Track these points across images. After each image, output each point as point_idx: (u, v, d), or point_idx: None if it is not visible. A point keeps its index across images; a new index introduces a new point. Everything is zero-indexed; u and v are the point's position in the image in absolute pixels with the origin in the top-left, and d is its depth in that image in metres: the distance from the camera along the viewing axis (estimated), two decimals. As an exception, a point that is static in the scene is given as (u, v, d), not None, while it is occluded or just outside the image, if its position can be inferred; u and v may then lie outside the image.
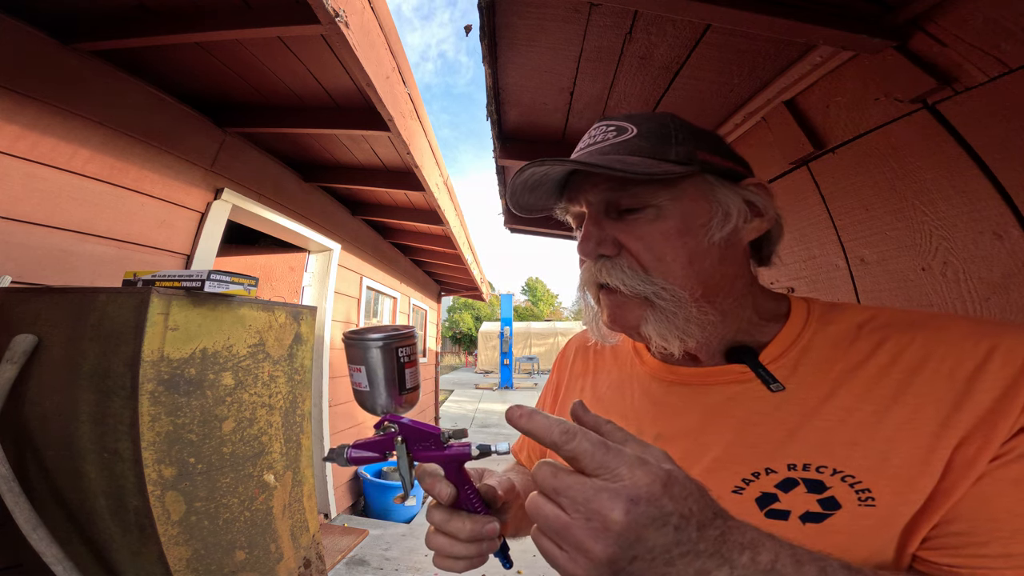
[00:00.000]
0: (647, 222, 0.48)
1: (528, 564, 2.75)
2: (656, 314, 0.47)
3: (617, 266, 0.48)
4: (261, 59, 1.70)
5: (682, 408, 0.50)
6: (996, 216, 0.81)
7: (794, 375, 0.45)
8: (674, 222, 0.47)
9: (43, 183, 1.46)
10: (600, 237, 0.49)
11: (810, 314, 0.49)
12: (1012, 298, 0.80)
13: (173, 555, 1.06)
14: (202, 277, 1.16)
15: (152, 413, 1.06)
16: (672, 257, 0.47)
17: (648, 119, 0.51)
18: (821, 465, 0.40)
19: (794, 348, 0.47)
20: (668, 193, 0.47)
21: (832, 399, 0.42)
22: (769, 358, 0.47)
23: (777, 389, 0.45)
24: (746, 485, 0.43)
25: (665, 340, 0.47)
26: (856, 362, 0.43)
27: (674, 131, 0.49)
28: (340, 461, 0.45)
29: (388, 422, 0.45)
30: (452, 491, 0.44)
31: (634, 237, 0.48)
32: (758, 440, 0.44)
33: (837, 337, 0.46)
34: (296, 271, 3.37)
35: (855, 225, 1.12)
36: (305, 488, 1.56)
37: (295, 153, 2.67)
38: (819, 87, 1.17)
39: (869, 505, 0.38)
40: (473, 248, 5.06)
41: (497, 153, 1.81)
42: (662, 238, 0.47)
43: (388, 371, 0.48)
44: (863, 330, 0.45)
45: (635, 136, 0.48)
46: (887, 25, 0.93)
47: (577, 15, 1.06)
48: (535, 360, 19.51)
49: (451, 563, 0.45)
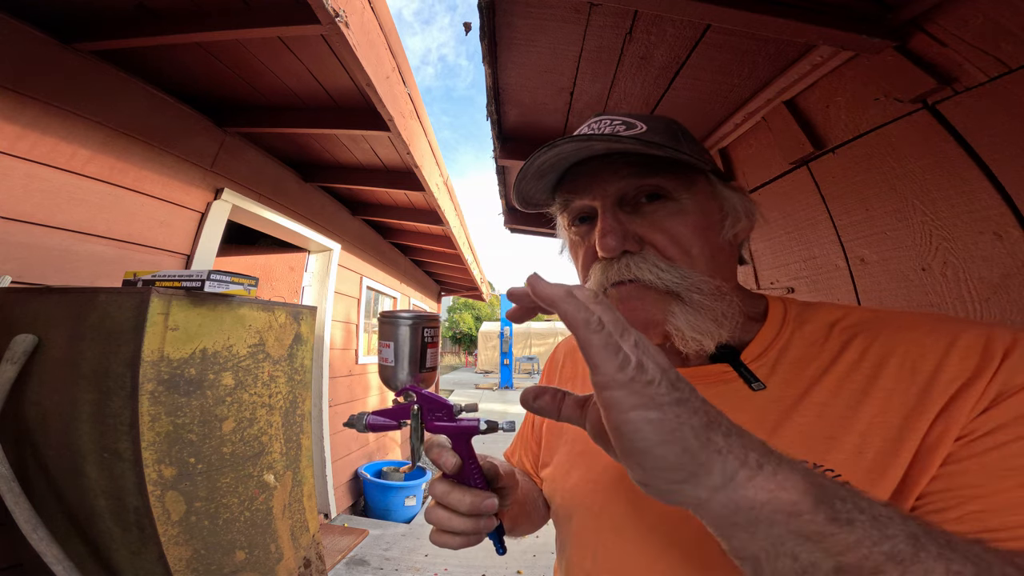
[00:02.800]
0: (670, 214, 0.47)
1: (528, 564, 2.76)
2: (686, 308, 0.46)
3: (646, 260, 0.46)
4: (261, 59, 1.70)
5: None
6: (996, 216, 0.81)
7: (774, 374, 0.46)
8: (696, 217, 0.47)
9: (43, 183, 1.46)
10: (623, 231, 0.47)
11: (787, 314, 0.50)
12: (1012, 298, 0.80)
13: (173, 555, 1.06)
14: (202, 277, 1.16)
15: (152, 413, 1.06)
16: (699, 251, 0.47)
17: (654, 119, 0.51)
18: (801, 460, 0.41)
19: (773, 348, 0.48)
20: (686, 188, 0.48)
21: (808, 396, 0.43)
22: (750, 357, 0.48)
23: (759, 388, 0.46)
24: None
25: (699, 332, 0.46)
26: (829, 360, 0.44)
27: (680, 132, 0.51)
28: (359, 427, 0.48)
29: (409, 390, 0.49)
30: (457, 461, 0.45)
31: (658, 230, 0.47)
32: None
33: (812, 336, 0.47)
34: (296, 271, 3.37)
35: (855, 225, 1.12)
36: (305, 488, 1.56)
37: (295, 153, 2.67)
38: (819, 87, 1.17)
39: None
40: (473, 248, 5.06)
41: (497, 153, 1.80)
42: (689, 231, 0.47)
43: (412, 349, 0.52)
44: (835, 329, 0.46)
45: (647, 131, 0.48)
46: (887, 25, 0.93)
47: (577, 15, 1.06)
48: (535, 360, 19.50)
49: (448, 538, 0.45)
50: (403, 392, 0.49)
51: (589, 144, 0.46)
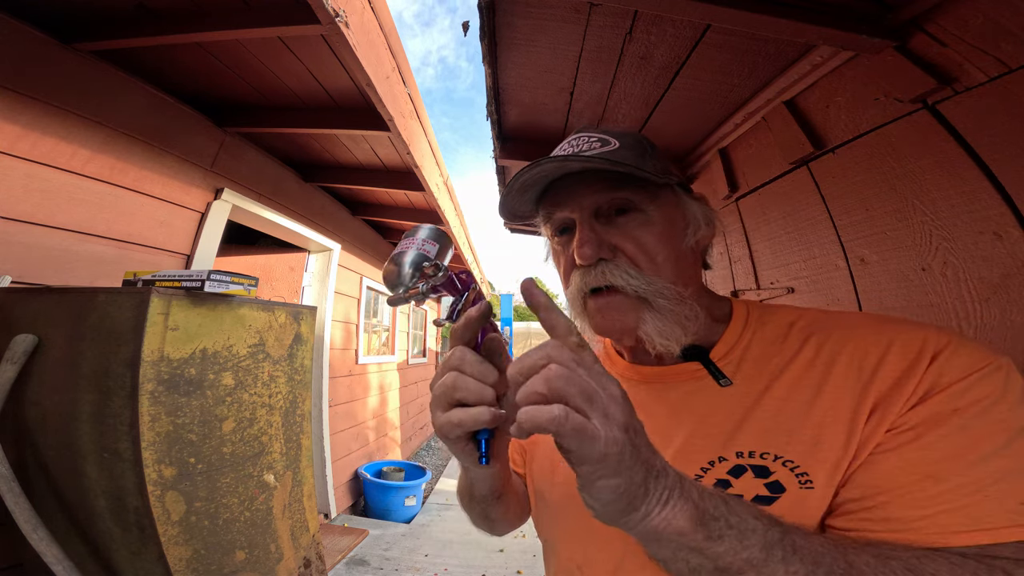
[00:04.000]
0: (638, 225, 0.52)
1: (528, 564, 2.76)
2: (654, 314, 0.50)
3: (618, 267, 0.50)
4: (261, 59, 1.70)
5: (649, 404, 0.53)
6: (996, 216, 0.81)
7: (739, 371, 0.49)
8: (661, 226, 0.52)
9: (43, 183, 1.46)
10: (598, 240, 0.51)
11: (749, 315, 0.54)
12: (1012, 298, 0.79)
13: (173, 555, 1.06)
14: (202, 277, 1.16)
15: (152, 413, 1.06)
16: (663, 258, 0.51)
17: (624, 135, 0.55)
18: (764, 452, 0.44)
19: (738, 347, 0.51)
20: (651, 200, 0.52)
21: (769, 392, 0.46)
22: (718, 356, 0.51)
23: (726, 384, 0.49)
24: (704, 473, 0.46)
25: (666, 338, 0.50)
26: (787, 358, 0.47)
27: (648, 147, 0.55)
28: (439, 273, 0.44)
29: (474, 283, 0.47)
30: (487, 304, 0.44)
31: (628, 239, 0.51)
32: (712, 431, 0.47)
33: (773, 336, 0.50)
34: (296, 271, 3.37)
35: (855, 225, 1.12)
36: (305, 488, 1.56)
37: (295, 153, 2.67)
38: (819, 87, 1.17)
39: (808, 487, 0.41)
40: (473, 248, 5.06)
41: (497, 153, 1.80)
42: (654, 240, 0.51)
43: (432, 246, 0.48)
44: (793, 329, 0.50)
45: (619, 148, 0.53)
46: (887, 25, 0.93)
47: (577, 15, 1.06)
48: (535, 360, 19.47)
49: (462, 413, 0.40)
50: (468, 275, 0.47)
51: (566, 164, 0.50)
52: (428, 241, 0.46)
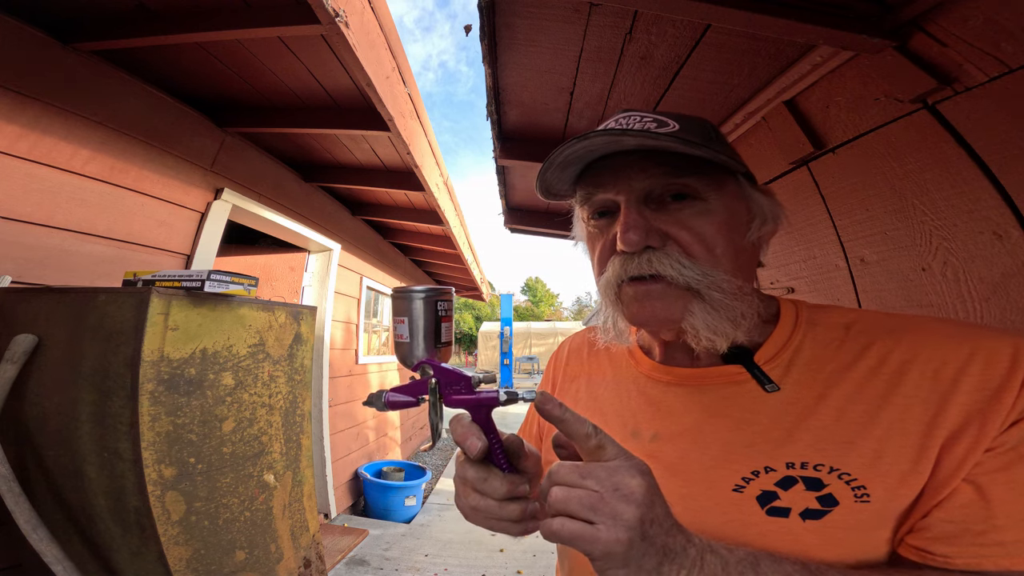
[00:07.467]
0: (696, 214, 0.47)
1: (528, 564, 2.76)
2: (704, 306, 0.46)
3: (668, 255, 0.46)
4: (261, 59, 1.70)
5: (679, 408, 0.51)
6: (996, 216, 0.81)
7: (788, 375, 0.46)
8: (722, 217, 0.48)
9: (43, 183, 1.46)
10: (647, 226, 0.47)
11: (799, 315, 0.50)
12: (1012, 298, 0.79)
13: (173, 555, 1.06)
14: (202, 277, 1.16)
15: (152, 413, 1.06)
16: (722, 250, 0.47)
17: (686, 118, 0.51)
18: (819, 463, 0.41)
19: (787, 349, 0.48)
20: (715, 189, 0.48)
21: (825, 399, 0.43)
22: (764, 359, 0.48)
23: (772, 390, 0.46)
24: (746, 484, 0.43)
25: (714, 332, 0.46)
26: (846, 363, 0.44)
27: (713, 134, 0.51)
28: (378, 405, 0.48)
29: (425, 364, 0.48)
30: (483, 445, 0.43)
31: (683, 227, 0.47)
32: (755, 439, 0.44)
33: (826, 338, 0.47)
34: (296, 271, 3.37)
35: (855, 225, 1.12)
36: (305, 488, 1.56)
37: (295, 153, 2.67)
38: (819, 87, 1.17)
39: (864, 501, 0.39)
40: (473, 248, 5.06)
41: (497, 153, 1.80)
42: (714, 230, 0.47)
43: (427, 323, 0.52)
44: (851, 331, 0.46)
45: (680, 130, 0.48)
46: (887, 25, 0.93)
47: (577, 15, 1.06)
48: (535, 360, 19.49)
49: (493, 522, 0.45)
50: (419, 367, 0.48)
51: (621, 139, 0.45)
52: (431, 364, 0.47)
